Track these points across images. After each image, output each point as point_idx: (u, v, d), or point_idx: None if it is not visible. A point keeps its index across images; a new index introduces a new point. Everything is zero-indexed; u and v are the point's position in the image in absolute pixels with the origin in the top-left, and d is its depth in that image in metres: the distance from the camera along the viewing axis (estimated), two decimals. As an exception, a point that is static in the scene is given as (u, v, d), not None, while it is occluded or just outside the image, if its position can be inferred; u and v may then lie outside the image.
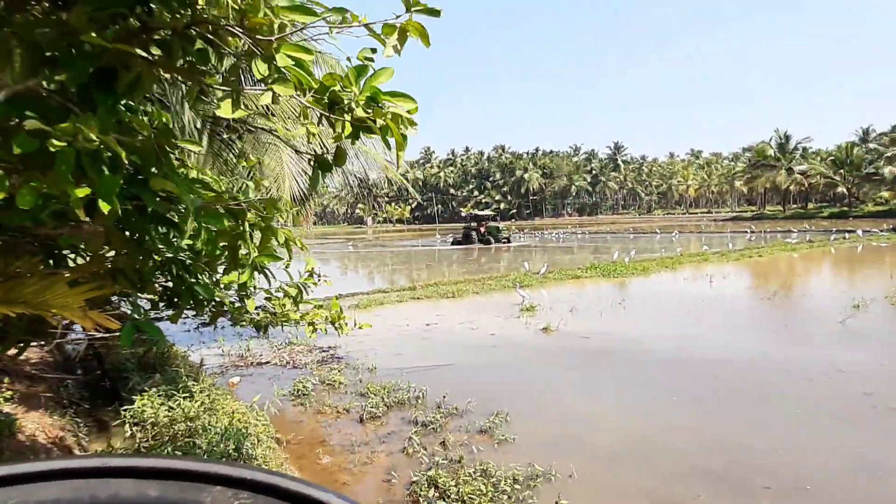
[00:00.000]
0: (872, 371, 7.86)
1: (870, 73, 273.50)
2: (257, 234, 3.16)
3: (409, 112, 2.31)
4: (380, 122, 2.27)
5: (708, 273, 19.26)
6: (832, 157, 72.49)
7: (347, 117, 2.25)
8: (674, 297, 15.16)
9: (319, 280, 4.70)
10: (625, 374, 8.30)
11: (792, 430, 5.95)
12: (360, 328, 5.70)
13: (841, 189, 70.57)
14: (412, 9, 2.14)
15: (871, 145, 69.77)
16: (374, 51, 2.25)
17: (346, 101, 2.25)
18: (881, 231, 35.22)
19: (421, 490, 4.67)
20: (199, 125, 6.04)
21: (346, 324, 5.36)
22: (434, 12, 2.17)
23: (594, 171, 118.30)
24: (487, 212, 58.70)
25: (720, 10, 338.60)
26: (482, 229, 42.08)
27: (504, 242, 41.38)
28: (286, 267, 4.12)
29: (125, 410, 5.16)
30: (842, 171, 68.71)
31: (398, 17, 2.18)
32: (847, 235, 33.09)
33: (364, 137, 2.44)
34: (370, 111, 2.25)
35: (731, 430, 6.04)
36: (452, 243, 43.72)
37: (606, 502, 4.65)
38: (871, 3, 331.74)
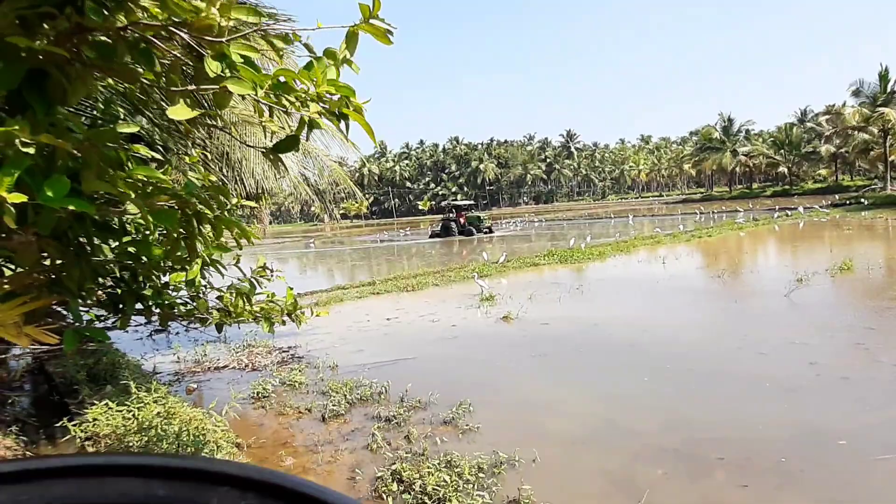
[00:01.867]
0: (815, 342, 8.22)
1: (806, 56, 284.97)
2: (207, 228, 3.08)
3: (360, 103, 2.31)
4: (347, 109, 2.26)
5: (661, 255, 19.79)
6: (773, 138, 75.53)
7: (305, 110, 2.22)
8: (630, 280, 15.53)
9: (272, 275, 4.60)
10: (585, 358, 8.47)
11: (746, 404, 6.17)
12: (317, 315, 5.65)
13: (782, 169, 73.53)
14: (369, 19, 2.13)
15: (809, 125, 72.77)
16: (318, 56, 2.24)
17: (304, 95, 2.22)
18: (821, 207, 36.83)
19: (385, 485, 4.67)
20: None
21: (304, 313, 5.29)
22: (388, 32, 2.16)
23: (548, 160, 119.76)
24: (465, 201, 56.20)
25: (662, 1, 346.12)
26: (462, 220, 40.32)
27: (486, 232, 39.78)
28: (236, 262, 4.05)
29: (75, 425, 4.98)
30: (782, 150, 71.58)
31: (355, 25, 2.16)
32: (790, 213, 34.48)
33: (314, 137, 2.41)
34: (331, 101, 2.23)
35: (690, 408, 6.21)
36: (431, 236, 41.70)
37: (568, 485, 4.74)
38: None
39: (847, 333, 8.66)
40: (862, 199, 40.60)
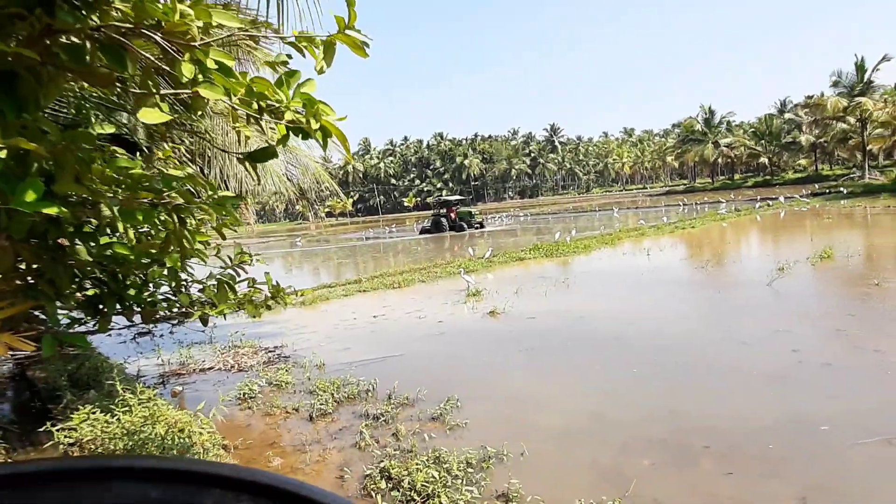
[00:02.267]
0: (798, 330, 8.34)
1: (789, 48, 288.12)
2: (190, 221, 3.04)
3: (337, 121, 2.30)
4: (315, 125, 2.24)
5: (645, 247, 19.95)
6: (754, 129, 76.39)
7: (281, 120, 2.20)
8: (615, 273, 15.63)
9: (252, 260, 4.55)
10: (572, 352, 8.50)
11: (731, 393, 6.25)
12: (301, 294, 5.60)
13: (763, 159, 74.45)
14: (344, 30, 2.11)
15: (788, 115, 73.66)
16: (290, 56, 2.21)
17: (277, 105, 2.20)
18: (801, 197, 37.34)
19: (374, 483, 4.66)
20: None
21: (288, 294, 5.23)
22: (364, 45, 2.14)
23: (533, 154, 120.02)
24: (454, 196, 55.58)
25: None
26: (453, 215, 39.83)
27: (478, 228, 39.34)
28: (217, 252, 4.00)
29: (59, 431, 4.91)
30: (763, 141, 72.45)
31: (331, 35, 2.13)
32: (771, 203, 34.95)
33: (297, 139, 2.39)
34: (303, 116, 2.21)
35: (675, 398, 6.26)
36: (421, 232, 41.31)
37: (556, 477, 4.77)
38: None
39: (828, 321, 8.79)
40: (841, 188, 41.23)
